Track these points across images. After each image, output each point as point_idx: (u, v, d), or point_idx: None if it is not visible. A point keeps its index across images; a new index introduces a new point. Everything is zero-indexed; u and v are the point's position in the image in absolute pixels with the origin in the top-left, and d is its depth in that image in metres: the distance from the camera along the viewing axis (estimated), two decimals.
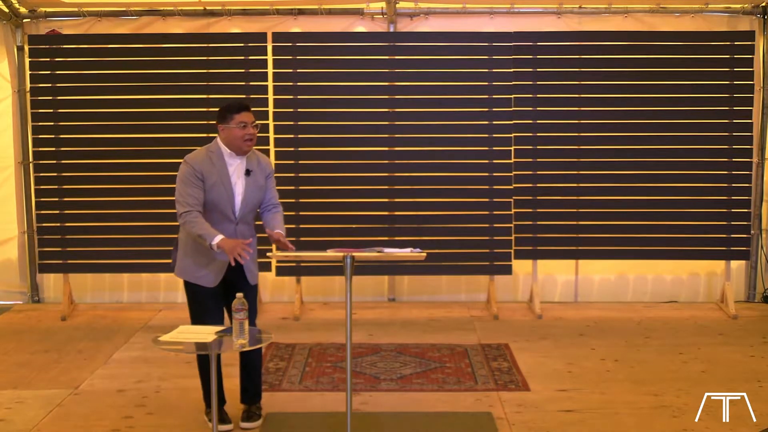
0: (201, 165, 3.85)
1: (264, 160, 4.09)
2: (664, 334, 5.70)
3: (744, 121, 6.26)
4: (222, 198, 3.86)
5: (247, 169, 3.94)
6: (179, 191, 3.83)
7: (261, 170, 4.01)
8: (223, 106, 3.93)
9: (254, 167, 3.97)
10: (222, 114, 3.90)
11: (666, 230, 6.28)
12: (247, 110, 3.89)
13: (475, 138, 6.24)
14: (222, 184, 3.86)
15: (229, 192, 3.88)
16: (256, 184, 3.97)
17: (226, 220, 3.88)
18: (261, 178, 4.00)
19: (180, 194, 3.82)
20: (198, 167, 3.84)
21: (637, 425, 4.09)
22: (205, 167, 3.85)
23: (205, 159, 3.88)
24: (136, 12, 6.46)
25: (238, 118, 3.85)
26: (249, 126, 3.86)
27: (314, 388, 4.62)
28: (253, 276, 4.00)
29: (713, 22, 6.53)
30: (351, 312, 3.46)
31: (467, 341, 5.53)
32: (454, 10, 6.48)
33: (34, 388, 4.65)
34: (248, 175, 3.93)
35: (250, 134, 3.87)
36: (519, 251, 6.33)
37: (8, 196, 6.62)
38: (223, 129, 3.89)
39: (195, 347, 3.41)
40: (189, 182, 3.82)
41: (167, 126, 6.28)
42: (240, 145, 3.87)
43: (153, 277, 6.67)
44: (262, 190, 4.01)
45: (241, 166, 3.93)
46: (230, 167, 3.90)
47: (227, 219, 3.89)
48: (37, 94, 6.26)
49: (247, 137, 3.86)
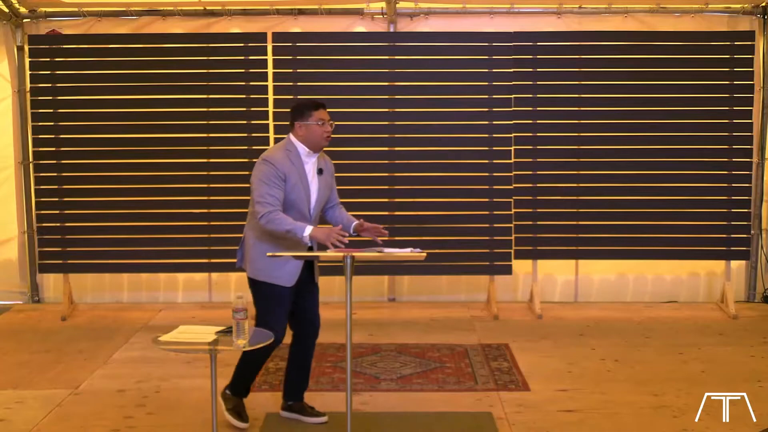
0: (283, 165, 3.81)
1: (329, 161, 4.09)
2: (664, 334, 5.70)
3: (744, 121, 6.26)
4: (301, 197, 3.85)
5: (319, 168, 3.94)
6: (260, 192, 3.76)
7: (328, 170, 4.03)
8: (299, 104, 3.93)
9: (324, 166, 3.98)
10: (299, 111, 3.87)
11: (666, 230, 6.28)
12: (324, 108, 3.90)
13: (475, 138, 6.24)
14: (301, 184, 3.85)
15: (306, 191, 3.88)
16: (326, 182, 3.99)
17: (302, 219, 3.85)
18: (329, 176, 4.03)
19: (261, 195, 3.75)
20: (281, 167, 3.79)
21: (637, 425, 4.09)
22: (287, 167, 3.81)
23: (285, 159, 3.84)
24: (136, 12, 6.46)
25: (317, 115, 3.84)
26: (327, 123, 3.86)
27: (314, 388, 4.62)
28: (317, 275, 4.03)
29: (713, 22, 6.53)
30: (351, 312, 3.46)
31: (467, 341, 5.53)
32: (454, 10, 6.48)
33: (34, 388, 4.64)
34: (320, 174, 3.94)
35: (329, 131, 3.87)
36: (519, 251, 6.33)
37: (8, 196, 6.62)
38: (301, 126, 3.86)
39: (194, 347, 3.41)
40: (271, 182, 3.76)
41: (167, 126, 6.28)
42: (319, 141, 3.86)
43: (153, 277, 6.67)
44: (329, 189, 4.03)
45: (315, 164, 3.92)
46: (306, 165, 3.89)
47: (304, 218, 3.87)
48: (37, 94, 6.26)
49: (326, 134, 3.86)
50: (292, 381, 4.15)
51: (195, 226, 6.27)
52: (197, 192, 6.26)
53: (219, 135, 6.25)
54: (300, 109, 3.89)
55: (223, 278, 6.70)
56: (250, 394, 4.15)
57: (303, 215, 3.87)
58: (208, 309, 6.45)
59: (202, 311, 6.38)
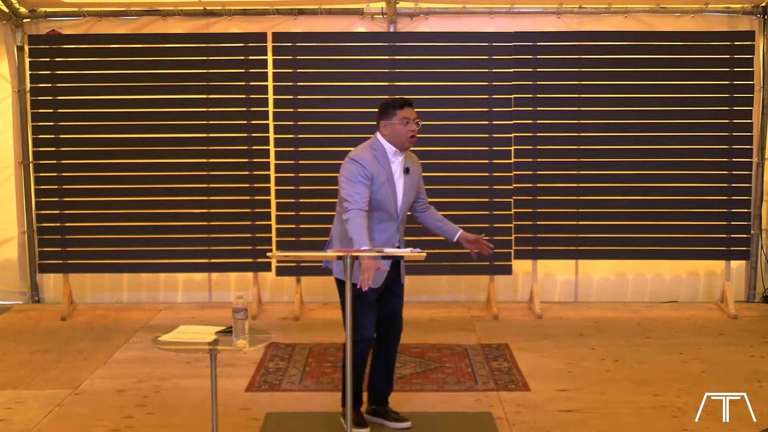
0: (370, 164, 3.79)
1: (416, 159, 4.06)
2: (664, 334, 5.70)
3: (744, 121, 6.26)
4: (388, 197, 3.83)
5: (405, 167, 3.91)
6: (347, 191, 3.72)
7: (414, 169, 3.99)
8: (385, 102, 3.90)
9: (410, 165, 3.94)
10: (385, 110, 3.86)
11: (666, 230, 6.28)
12: (410, 106, 3.86)
13: (475, 138, 6.24)
14: (388, 184, 3.83)
15: (393, 191, 3.85)
16: (412, 182, 3.95)
17: (390, 219, 3.85)
18: (416, 176, 4.00)
19: (347, 193, 3.72)
20: (368, 167, 3.78)
21: (637, 425, 4.09)
22: (374, 167, 3.79)
23: (372, 158, 3.82)
24: (136, 12, 6.46)
25: (401, 114, 3.82)
26: (411, 122, 3.83)
27: (314, 388, 4.62)
28: (404, 274, 4.01)
29: (713, 22, 6.53)
30: (351, 312, 3.46)
31: (467, 341, 5.53)
32: (454, 10, 6.48)
33: (34, 388, 4.65)
34: (407, 173, 3.91)
35: (413, 131, 3.84)
36: (519, 251, 6.33)
37: (8, 196, 6.62)
38: (386, 125, 3.85)
39: (194, 347, 3.42)
40: (358, 181, 3.74)
41: (167, 126, 6.28)
42: (404, 141, 3.84)
43: (153, 277, 6.67)
44: (415, 189, 4.00)
45: (401, 164, 3.90)
46: (393, 165, 3.87)
47: (391, 218, 3.86)
48: (37, 94, 6.26)
49: (410, 133, 3.83)
50: (375, 385, 4.10)
51: (195, 226, 6.27)
52: (197, 192, 6.26)
53: (219, 135, 6.24)
54: (385, 107, 3.87)
55: (223, 278, 6.70)
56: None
57: (390, 215, 3.86)
58: (208, 309, 6.45)
59: (202, 311, 6.38)
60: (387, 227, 3.85)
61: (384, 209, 3.84)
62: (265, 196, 6.25)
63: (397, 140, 3.84)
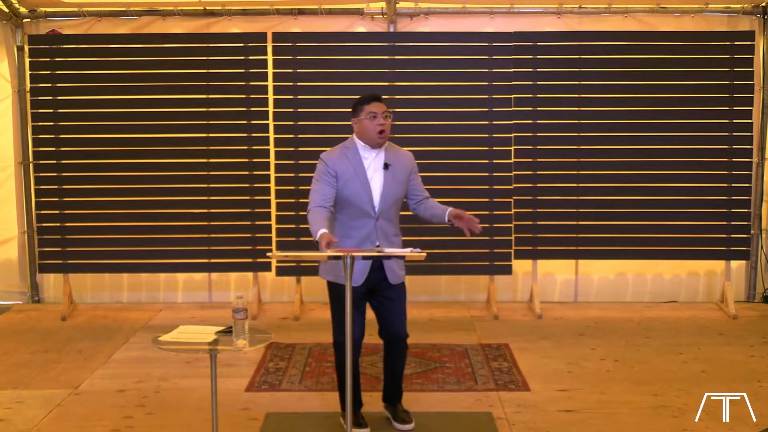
0: (335, 162, 3.80)
1: (405, 155, 4.00)
2: (664, 334, 5.70)
3: (744, 121, 6.25)
4: (359, 193, 3.80)
5: (385, 162, 3.87)
6: (312, 189, 3.81)
7: (401, 165, 3.93)
8: (356, 100, 3.89)
9: (393, 161, 3.89)
10: (354, 106, 3.87)
11: (666, 230, 6.28)
12: (377, 101, 3.84)
13: (475, 138, 6.24)
14: (357, 179, 3.80)
15: (365, 187, 3.82)
16: (395, 178, 3.88)
17: (365, 216, 3.82)
18: (401, 173, 3.92)
19: (311, 192, 3.80)
20: (332, 164, 3.80)
21: (637, 425, 4.09)
22: (340, 163, 3.80)
23: (340, 155, 3.83)
24: (136, 12, 6.46)
25: (367, 108, 3.81)
26: (379, 116, 3.80)
27: (314, 388, 4.62)
28: (394, 276, 3.88)
29: (713, 22, 6.53)
30: (351, 312, 3.46)
31: (467, 341, 5.53)
32: (454, 10, 6.48)
33: (34, 388, 4.65)
34: (386, 169, 3.86)
35: (381, 124, 3.80)
36: (519, 251, 6.33)
37: (8, 196, 6.62)
38: (356, 122, 3.86)
39: (193, 347, 3.42)
40: (321, 179, 3.79)
41: (167, 126, 6.28)
42: (372, 136, 3.81)
43: (153, 277, 6.67)
44: (402, 185, 3.92)
45: (378, 159, 3.86)
46: (365, 161, 3.84)
47: (366, 214, 3.82)
48: (37, 94, 6.26)
49: (378, 128, 3.79)
50: (384, 386, 4.13)
51: (195, 226, 6.27)
52: (197, 192, 6.26)
53: (219, 135, 6.24)
54: (354, 104, 3.87)
55: (223, 278, 6.70)
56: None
57: (365, 212, 3.82)
58: (208, 309, 6.45)
59: (202, 311, 6.38)
60: (363, 224, 3.82)
61: (356, 205, 3.81)
62: (265, 196, 6.25)
63: (366, 136, 3.84)
